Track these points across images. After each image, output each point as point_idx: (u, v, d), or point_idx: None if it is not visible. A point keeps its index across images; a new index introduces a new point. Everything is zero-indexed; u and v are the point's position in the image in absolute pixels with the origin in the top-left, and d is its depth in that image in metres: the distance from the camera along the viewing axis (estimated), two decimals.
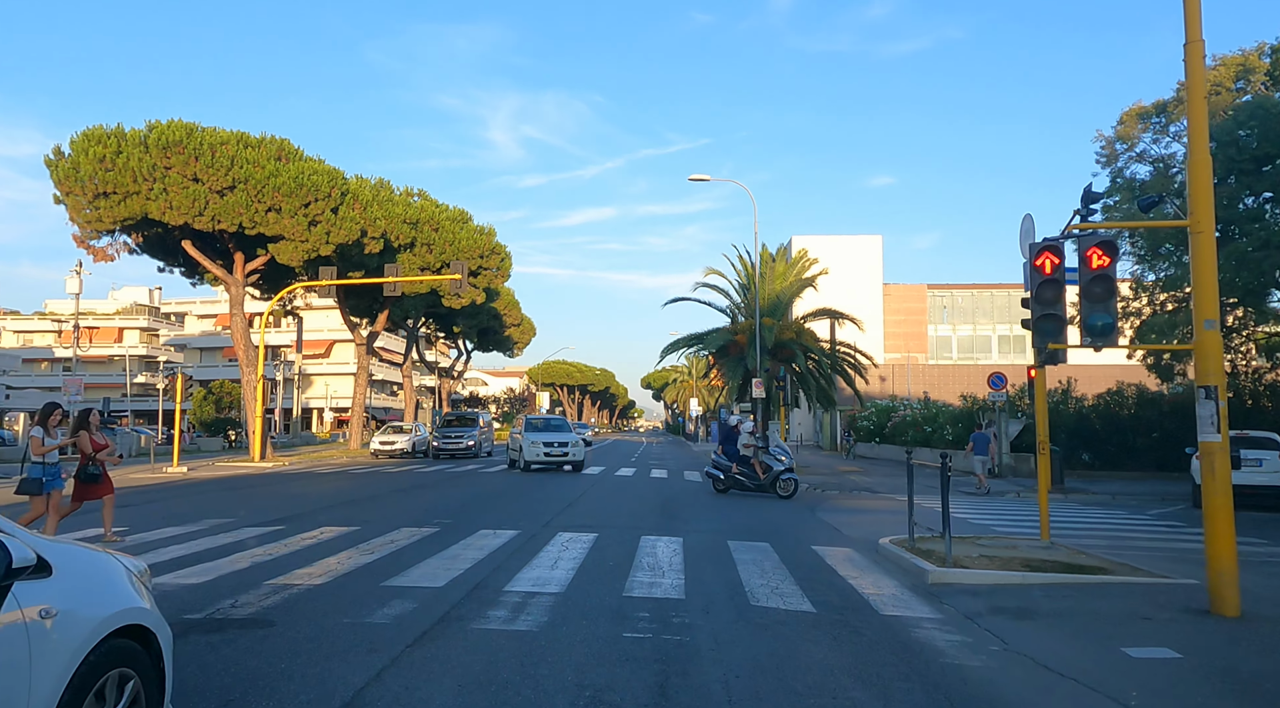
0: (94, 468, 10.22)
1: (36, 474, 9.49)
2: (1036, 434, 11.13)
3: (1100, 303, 7.27)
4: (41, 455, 9.54)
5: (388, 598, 6.83)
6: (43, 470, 9.51)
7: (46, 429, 9.69)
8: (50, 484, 9.55)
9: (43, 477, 9.50)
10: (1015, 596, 7.75)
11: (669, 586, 7.72)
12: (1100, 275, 7.31)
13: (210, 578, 7.57)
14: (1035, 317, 8.27)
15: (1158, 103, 22.49)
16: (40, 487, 9.45)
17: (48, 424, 9.74)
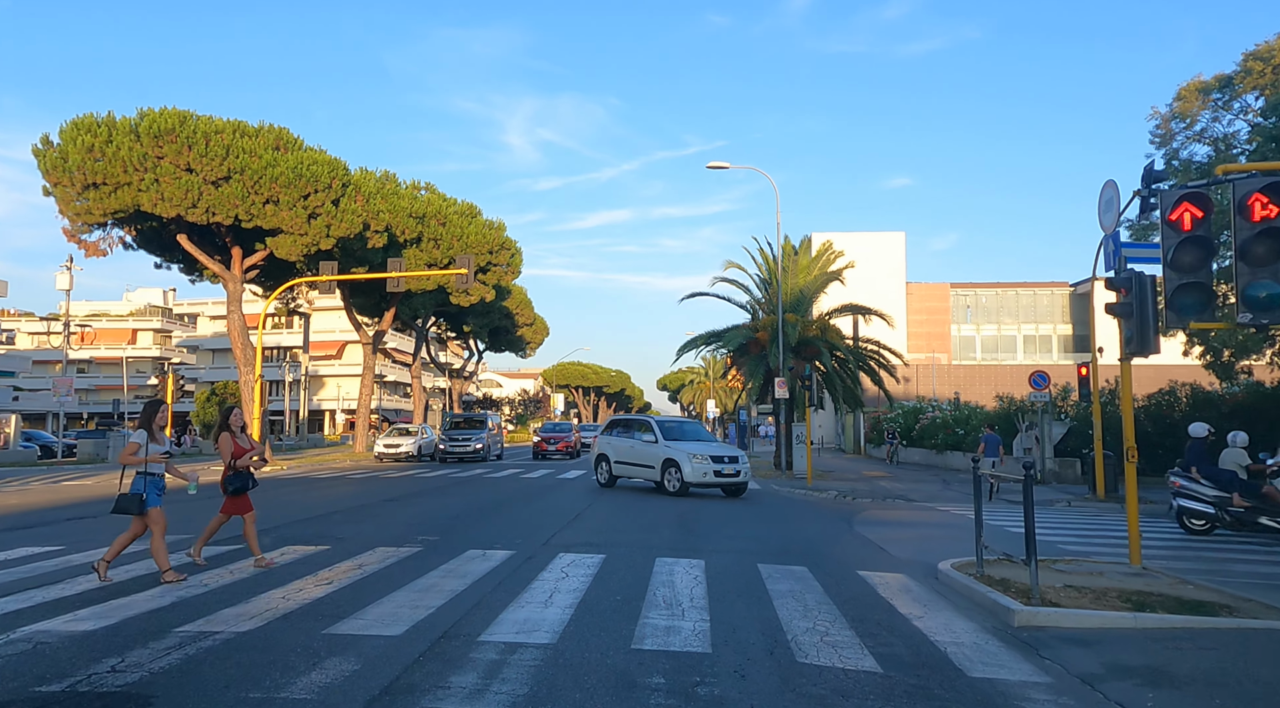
0: (242, 476, 8.68)
1: (138, 488, 7.77)
2: (1124, 439, 9.41)
3: (1264, 267, 5.58)
4: (143, 464, 7.79)
5: (324, 655, 5.25)
6: (144, 483, 7.80)
7: (151, 432, 7.96)
8: (153, 500, 7.87)
9: (144, 491, 7.78)
10: (1134, 646, 6.07)
11: (690, 632, 6.10)
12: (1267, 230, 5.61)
13: (112, 622, 6.02)
14: (1172, 288, 6.59)
15: (1219, 77, 20.63)
16: (140, 503, 7.75)
17: (152, 426, 8.01)
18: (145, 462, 7.80)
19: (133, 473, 7.82)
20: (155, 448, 7.95)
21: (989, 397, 45.25)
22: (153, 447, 7.93)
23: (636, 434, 19.48)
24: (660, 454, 18.35)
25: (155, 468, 7.88)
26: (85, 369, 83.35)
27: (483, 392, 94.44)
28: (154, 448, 7.94)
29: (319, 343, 73.78)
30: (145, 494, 7.77)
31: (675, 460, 17.99)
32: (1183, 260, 6.43)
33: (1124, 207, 10.56)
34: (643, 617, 6.54)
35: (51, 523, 12.39)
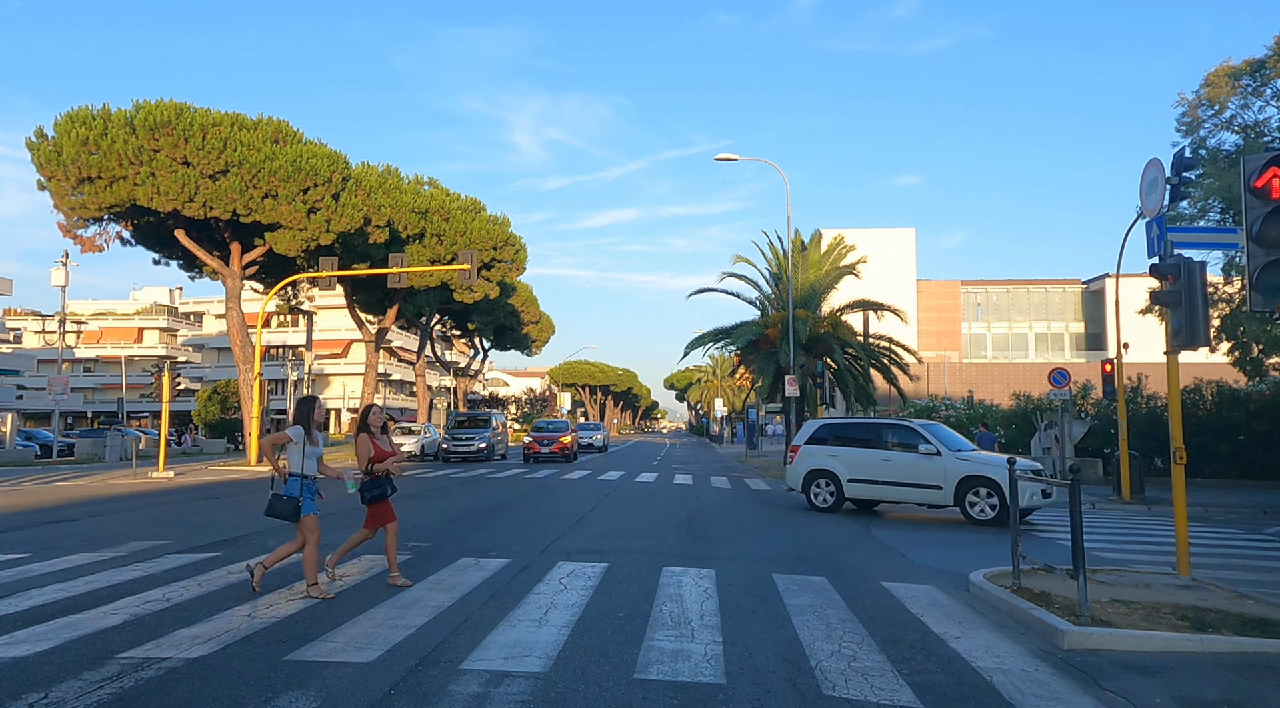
0: (380, 482, 7.67)
1: (292, 491, 7.00)
2: (1171, 440, 8.67)
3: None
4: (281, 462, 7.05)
5: (279, 689, 4.57)
6: (300, 486, 7.01)
7: (309, 431, 7.15)
8: (308, 506, 7.10)
9: (300, 495, 7.02)
10: (1204, 675, 5.35)
11: (701, 657, 5.40)
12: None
13: (50, 645, 5.35)
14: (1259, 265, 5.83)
15: (1249, 61, 19.80)
16: (296, 510, 7.00)
17: (310, 423, 7.18)
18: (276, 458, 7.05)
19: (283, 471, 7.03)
20: (311, 450, 7.06)
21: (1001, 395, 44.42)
22: (309, 448, 7.04)
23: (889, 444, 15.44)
24: (954, 471, 14.48)
25: (310, 470, 7.10)
26: (91, 368, 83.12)
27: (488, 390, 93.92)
28: (310, 450, 7.05)
29: (324, 341, 73.33)
30: (301, 499, 7.00)
31: (988, 479, 14.09)
32: (1271, 234, 5.65)
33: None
34: (648, 638, 5.85)
35: (26, 527, 11.76)
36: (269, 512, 7.03)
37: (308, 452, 7.04)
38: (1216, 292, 20.79)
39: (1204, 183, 20.60)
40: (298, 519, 7.00)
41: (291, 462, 7.02)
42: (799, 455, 16.07)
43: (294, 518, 6.98)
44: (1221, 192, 19.45)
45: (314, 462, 7.11)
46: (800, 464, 15.89)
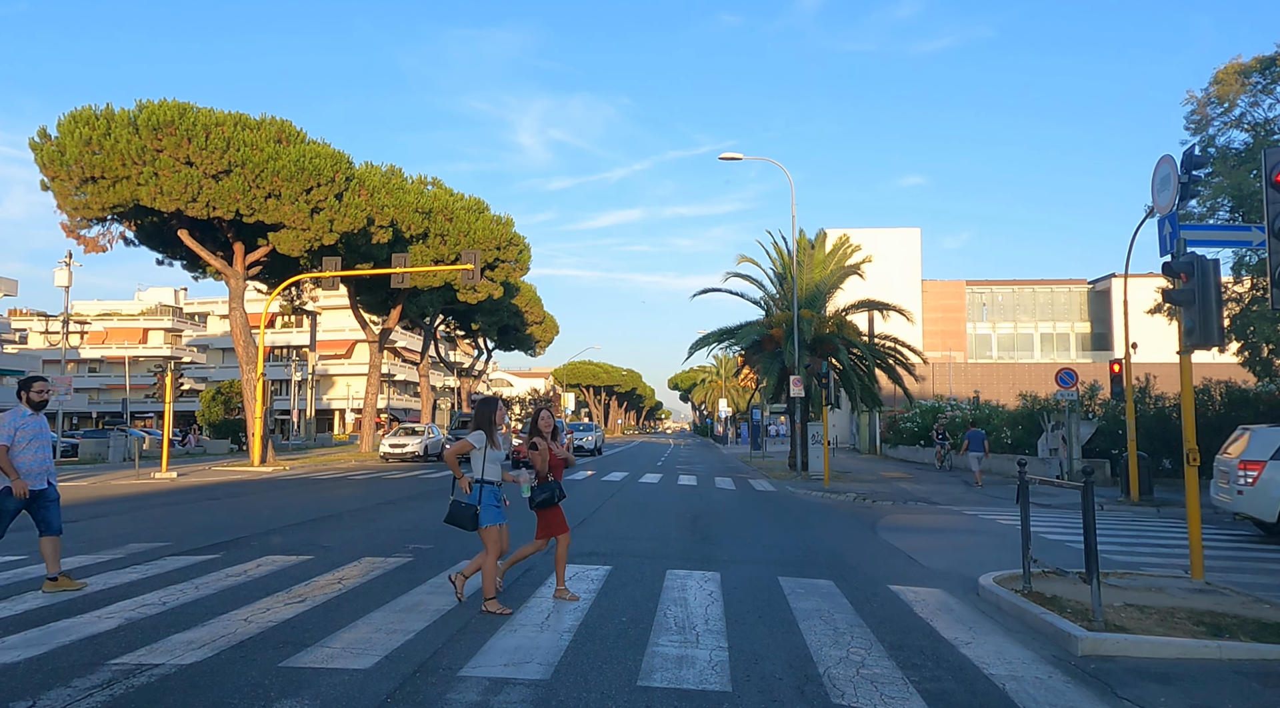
0: (549, 486, 7.06)
1: (471, 498, 6.53)
2: (1184, 441, 8.52)
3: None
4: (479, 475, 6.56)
5: (273, 697, 4.45)
6: (480, 494, 6.55)
7: (491, 435, 6.64)
8: (491, 514, 6.59)
9: (479, 503, 6.53)
10: (1224, 683, 5.21)
11: (706, 664, 5.28)
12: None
13: (41, 651, 5.25)
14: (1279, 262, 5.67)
15: (1260, 58, 19.60)
16: (474, 519, 6.48)
17: (492, 426, 6.68)
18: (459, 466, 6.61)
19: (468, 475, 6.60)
20: (494, 454, 6.59)
21: (1007, 395, 44.26)
22: (491, 453, 6.58)
23: None
24: None
25: (493, 476, 6.61)
26: (97, 368, 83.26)
27: (493, 391, 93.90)
28: (492, 454, 6.58)
29: (328, 342, 73.35)
30: (480, 507, 6.51)
31: None
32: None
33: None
34: (652, 644, 5.72)
35: (26, 529, 11.62)
36: (449, 519, 6.61)
37: (490, 457, 6.58)
38: (1226, 291, 20.60)
39: (1213, 181, 20.43)
40: (477, 528, 6.53)
41: (473, 467, 6.60)
42: (1266, 475, 11.96)
43: (473, 527, 6.52)
44: (1231, 190, 19.27)
45: (496, 467, 6.64)
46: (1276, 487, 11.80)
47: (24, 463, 7.09)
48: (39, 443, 7.25)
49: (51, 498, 7.29)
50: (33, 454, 7.17)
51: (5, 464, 6.97)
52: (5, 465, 6.97)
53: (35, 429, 7.25)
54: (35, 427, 7.26)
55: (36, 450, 7.21)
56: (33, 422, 7.26)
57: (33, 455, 7.17)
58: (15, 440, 7.07)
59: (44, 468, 7.26)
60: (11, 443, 7.04)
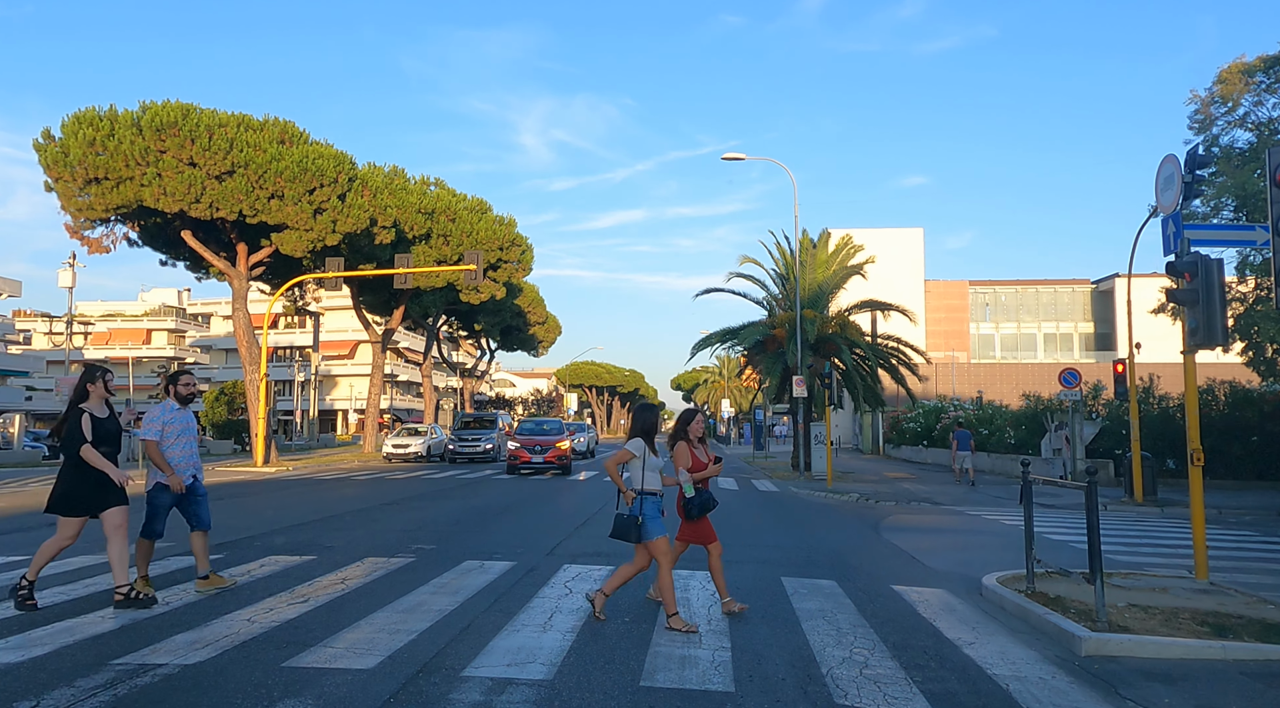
0: (704, 495, 6.62)
1: (634, 509, 6.19)
2: (1188, 441, 8.50)
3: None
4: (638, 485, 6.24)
5: (277, 696, 4.46)
6: (641, 505, 6.19)
7: (650, 442, 6.34)
8: (657, 525, 6.20)
9: (641, 513, 6.18)
10: (1228, 684, 5.19)
11: (709, 663, 5.27)
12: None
13: (43, 652, 5.25)
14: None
15: (1263, 57, 19.55)
16: (638, 530, 6.16)
17: (652, 434, 6.39)
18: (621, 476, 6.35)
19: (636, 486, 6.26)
20: (653, 462, 6.27)
21: (1010, 395, 44.17)
22: (650, 461, 6.25)
23: None
24: None
25: (653, 484, 6.23)
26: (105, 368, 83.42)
27: (495, 391, 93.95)
28: (651, 462, 6.26)
29: (331, 342, 73.41)
30: (643, 519, 6.15)
31: None
32: None
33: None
34: (654, 643, 5.72)
35: (30, 529, 11.71)
36: (614, 534, 6.31)
37: (649, 464, 6.26)
38: (1230, 291, 20.54)
39: (1217, 181, 20.37)
40: (642, 540, 6.20)
41: (632, 477, 6.29)
42: None
43: (639, 540, 6.19)
44: (1235, 189, 19.22)
45: (656, 475, 6.31)
46: None
47: (172, 458, 7.00)
48: (186, 438, 7.15)
49: (200, 493, 7.25)
50: (181, 449, 7.08)
51: (157, 458, 6.92)
52: (157, 459, 6.92)
53: (183, 424, 7.14)
54: (183, 421, 7.16)
55: (184, 445, 7.12)
56: (180, 416, 7.15)
57: (181, 450, 7.08)
58: (164, 435, 6.99)
59: (191, 463, 7.18)
60: (160, 438, 6.96)
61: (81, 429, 6.46)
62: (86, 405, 6.61)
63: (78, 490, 6.44)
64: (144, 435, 6.96)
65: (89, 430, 6.47)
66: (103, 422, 6.61)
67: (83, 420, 6.49)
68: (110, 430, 6.68)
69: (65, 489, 6.46)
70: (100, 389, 6.69)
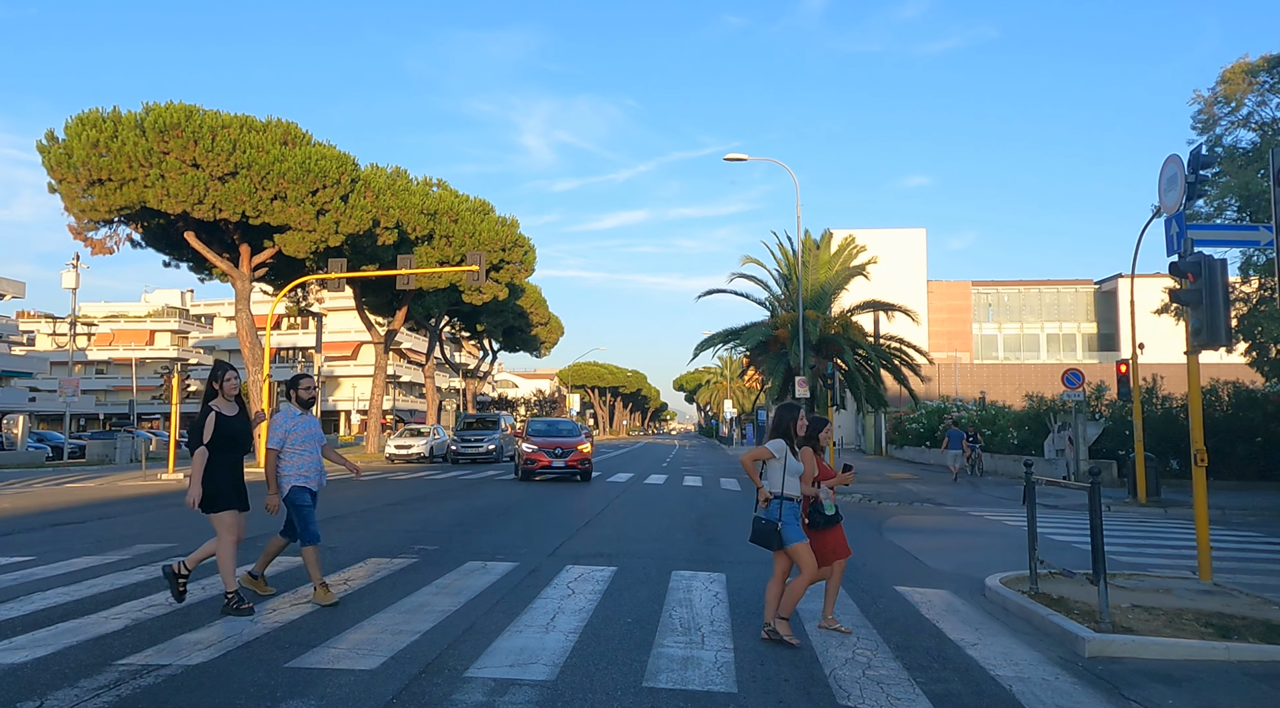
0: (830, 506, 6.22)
1: (772, 514, 5.81)
2: (1192, 441, 8.49)
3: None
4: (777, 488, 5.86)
5: (280, 697, 4.47)
6: (780, 510, 5.81)
7: (792, 444, 5.95)
8: (793, 533, 5.83)
9: (779, 519, 5.81)
10: (1233, 686, 5.19)
11: (711, 664, 5.27)
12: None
13: (49, 651, 5.26)
14: None
15: (1267, 57, 19.53)
16: (778, 536, 5.79)
17: (792, 434, 5.97)
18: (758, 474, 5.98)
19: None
20: (794, 466, 5.91)
21: (1013, 396, 44.12)
22: (791, 464, 5.89)
23: None
24: None
25: (793, 490, 5.89)
26: (104, 370, 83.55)
27: (498, 392, 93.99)
28: (793, 466, 5.90)
29: (333, 343, 73.51)
30: (782, 524, 5.79)
31: None
32: None
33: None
34: (657, 644, 5.72)
35: (34, 529, 11.74)
36: (754, 538, 5.94)
37: (790, 468, 5.90)
38: (1234, 291, 20.52)
39: (1220, 181, 20.34)
40: (783, 546, 5.83)
41: (771, 480, 5.91)
42: None
43: (779, 546, 5.83)
44: (1239, 190, 19.20)
45: (796, 480, 5.94)
46: None
47: (296, 466, 6.67)
48: (310, 445, 6.79)
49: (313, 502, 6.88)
50: (306, 457, 6.73)
51: (271, 470, 6.61)
52: (270, 472, 6.61)
53: (306, 430, 6.78)
54: (305, 427, 6.78)
55: (307, 452, 6.75)
56: (302, 422, 6.77)
57: (306, 458, 6.73)
58: (287, 443, 6.66)
59: (317, 470, 6.83)
60: (282, 446, 6.65)
61: (203, 429, 6.26)
62: (215, 403, 6.37)
63: (215, 486, 6.28)
64: (268, 445, 6.68)
65: (210, 431, 6.25)
66: (230, 420, 6.37)
67: (207, 420, 6.26)
68: (237, 429, 6.42)
69: (208, 487, 6.27)
70: (228, 389, 6.44)
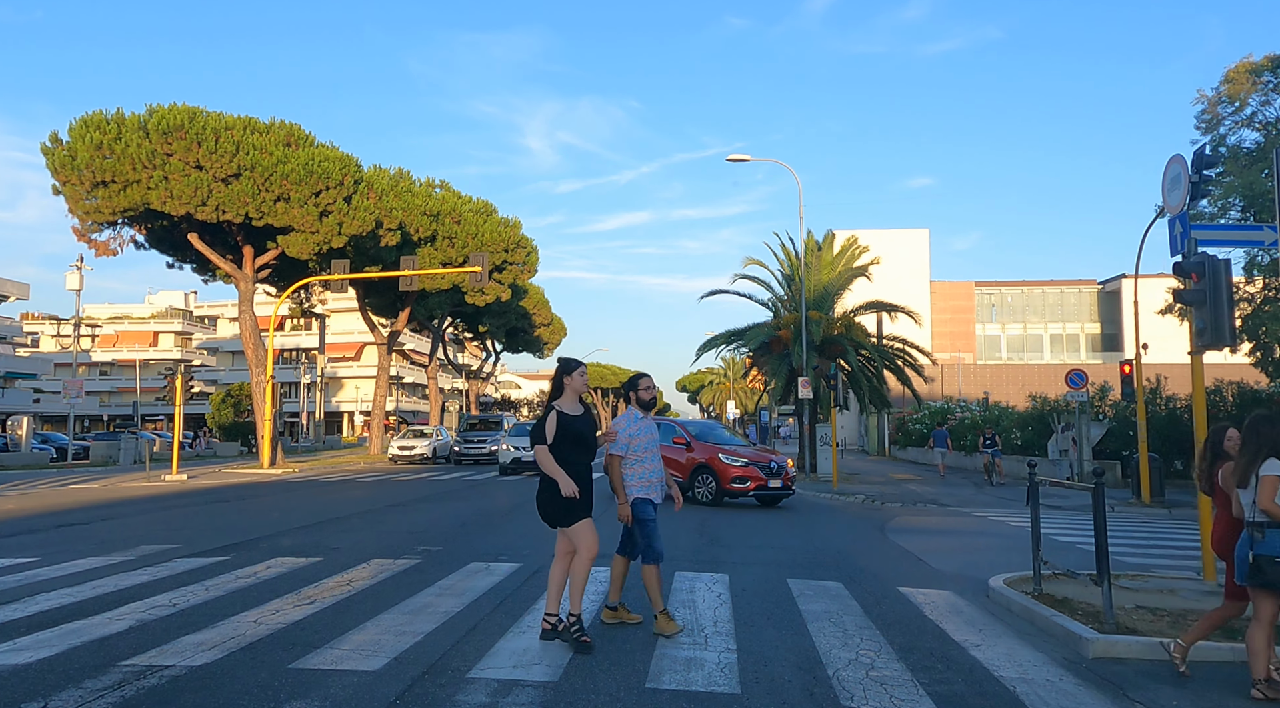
0: None
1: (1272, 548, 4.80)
2: (1195, 442, 8.46)
3: None
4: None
5: (283, 698, 4.47)
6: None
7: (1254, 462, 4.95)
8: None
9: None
10: (1236, 685, 5.17)
11: (714, 666, 5.27)
12: None
13: (54, 652, 5.27)
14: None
15: (1270, 57, 19.49)
16: None
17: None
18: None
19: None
20: None
21: (1017, 396, 44.06)
22: None
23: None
24: None
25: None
26: (108, 372, 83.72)
27: (501, 393, 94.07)
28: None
29: (336, 344, 73.60)
30: None
31: None
32: None
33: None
34: (660, 645, 5.72)
35: (38, 531, 11.76)
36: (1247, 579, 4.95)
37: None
38: (1238, 291, 20.48)
39: (1224, 181, 20.31)
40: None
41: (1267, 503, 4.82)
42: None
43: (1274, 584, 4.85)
44: (1243, 189, 19.17)
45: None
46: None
47: (639, 474, 6.04)
48: (653, 452, 6.15)
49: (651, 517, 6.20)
50: (648, 464, 6.09)
51: (616, 480, 6.04)
52: (615, 479, 6.04)
53: (649, 436, 6.15)
54: (648, 432, 6.14)
55: (650, 459, 6.12)
56: (644, 426, 6.13)
57: (649, 466, 6.09)
58: (631, 449, 6.02)
59: (660, 480, 6.19)
60: (626, 452, 6.03)
61: (545, 429, 5.70)
62: (559, 402, 5.84)
63: (545, 498, 5.76)
64: (611, 450, 6.08)
65: (552, 431, 5.67)
66: (573, 420, 5.77)
67: (549, 419, 5.72)
68: (581, 431, 5.78)
69: (541, 496, 5.78)
70: (576, 383, 5.86)
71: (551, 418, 5.73)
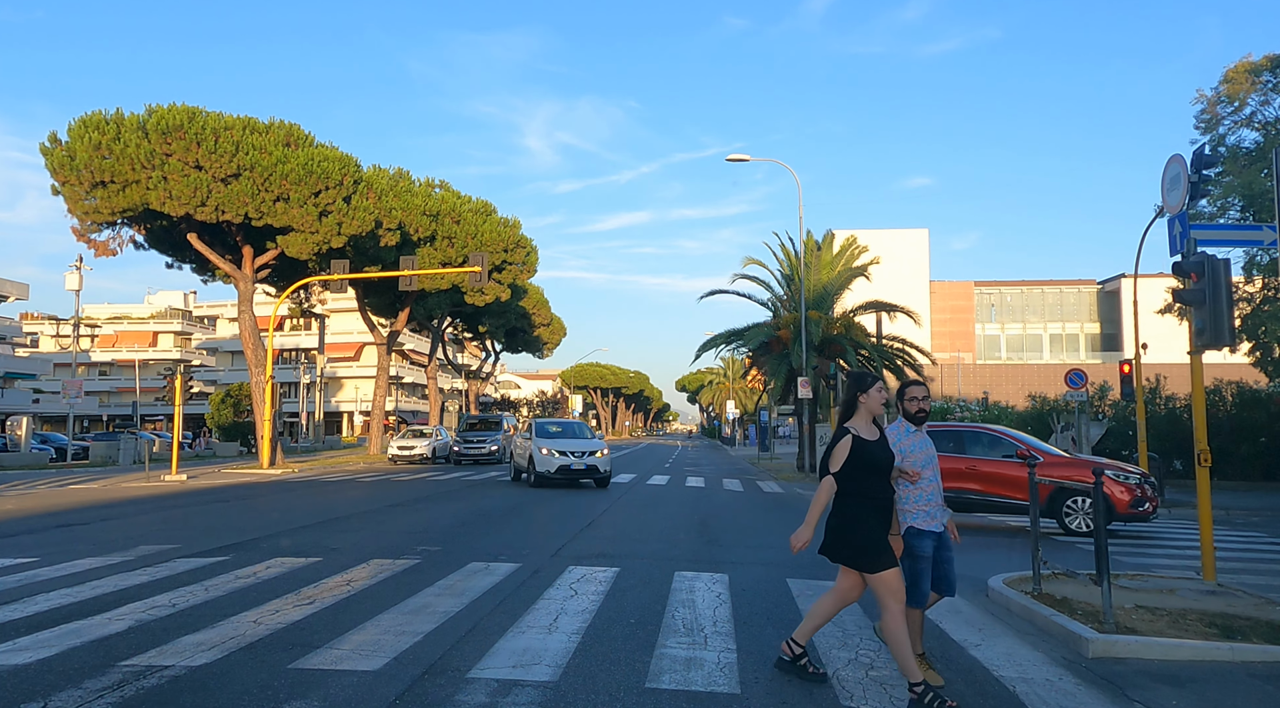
0: None
1: None
2: (1195, 441, 8.47)
3: None
4: None
5: (282, 698, 4.47)
6: None
7: None
8: None
9: None
10: (1237, 686, 5.17)
11: (714, 665, 5.27)
12: None
13: (53, 652, 5.27)
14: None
15: (1270, 57, 19.52)
16: None
17: None
18: None
19: None
20: None
21: (1016, 396, 44.09)
22: None
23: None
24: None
25: None
26: (107, 372, 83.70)
27: (500, 393, 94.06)
28: None
29: (336, 344, 73.61)
30: None
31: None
32: None
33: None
34: (660, 645, 5.72)
35: (37, 531, 11.75)
36: None
37: None
38: (1237, 291, 20.50)
39: (1223, 181, 20.32)
40: None
41: None
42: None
43: None
44: (1242, 189, 19.19)
45: None
46: None
47: (914, 498, 5.07)
48: (931, 471, 5.10)
49: (948, 547, 5.25)
50: (925, 487, 5.07)
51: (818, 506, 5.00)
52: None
53: (924, 452, 5.12)
54: (923, 447, 5.13)
55: (928, 481, 5.09)
56: (918, 442, 5.15)
57: (925, 488, 5.07)
58: (902, 467, 5.04)
59: (940, 504, 5.15)
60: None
61: (832, 455, 4.81)
62: (853, 423, 4.88)
63: (871, 536, 4.79)
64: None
65: (842, 457, 4.75)
66: (871, 446, 4.79)
67: (840, 444, 4.79)
68: (879, 458, 4.80)
69: (863, 538, 4.82)
70: (873, 401, 4.87)
71: (845, 443, 4.76)
